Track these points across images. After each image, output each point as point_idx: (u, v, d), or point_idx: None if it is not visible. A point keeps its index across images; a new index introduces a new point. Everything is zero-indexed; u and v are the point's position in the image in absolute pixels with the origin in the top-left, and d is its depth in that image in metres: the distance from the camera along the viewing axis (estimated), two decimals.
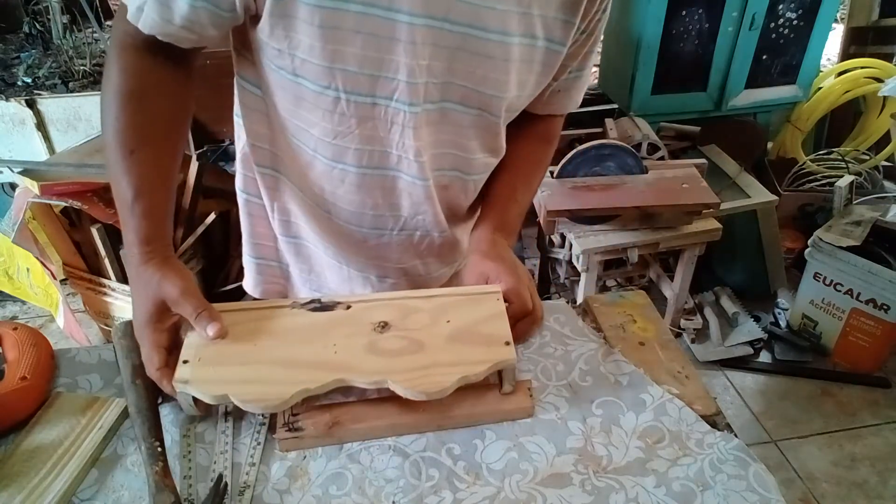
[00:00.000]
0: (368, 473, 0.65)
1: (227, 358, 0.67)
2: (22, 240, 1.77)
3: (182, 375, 0.65)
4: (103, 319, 2.02)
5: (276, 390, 0.64)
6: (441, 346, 0.69)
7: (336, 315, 0.73)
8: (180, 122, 0.76)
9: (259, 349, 0.68)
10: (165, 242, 0.71)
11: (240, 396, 0.64)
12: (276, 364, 0.67)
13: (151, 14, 0.66)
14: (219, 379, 0.65)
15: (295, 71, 0.70)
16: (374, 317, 0.72)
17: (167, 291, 0.66)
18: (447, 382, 0.66)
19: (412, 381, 0.65)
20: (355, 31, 0.66)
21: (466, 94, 0.75)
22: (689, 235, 1.98)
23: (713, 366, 2.23)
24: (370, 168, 0.79)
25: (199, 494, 0.63)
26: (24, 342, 0.75)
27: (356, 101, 0.72)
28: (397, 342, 0.70)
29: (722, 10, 2.31)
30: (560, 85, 0.85)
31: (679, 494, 0.62)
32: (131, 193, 0.69)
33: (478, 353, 0.68)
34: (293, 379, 0.65)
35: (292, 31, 0.66)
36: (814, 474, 1.85)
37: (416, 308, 0.74)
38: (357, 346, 0.69)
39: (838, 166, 2.70)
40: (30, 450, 0.66)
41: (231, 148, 2.32)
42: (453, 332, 0.71)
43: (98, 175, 1.77)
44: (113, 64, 0.70)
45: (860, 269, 2.01)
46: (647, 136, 2.27)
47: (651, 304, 0.88)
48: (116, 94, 0.69)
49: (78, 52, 2.54)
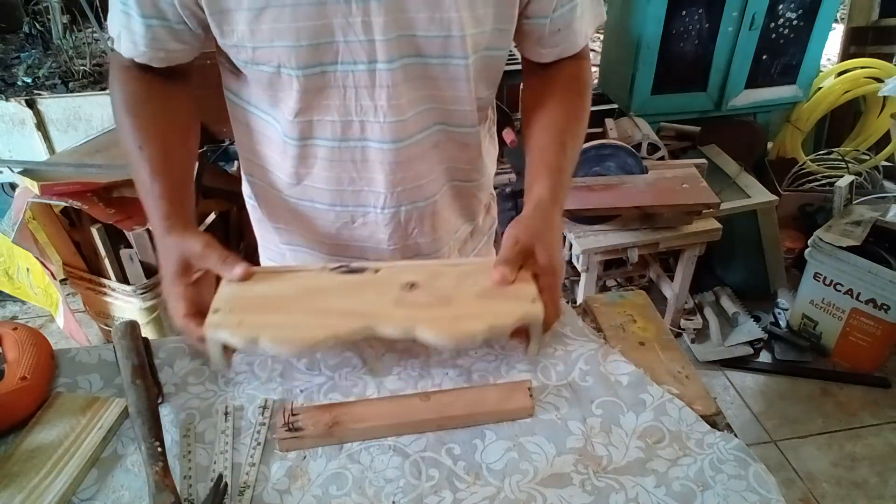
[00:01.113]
0: (368, 473, 0.65)
1: (257, 307, 0.69)
2: (22, 240, 1.77)
3: (213, 320, 0.66)
4: (103, 319, 2.02)
5: (306, 333, 0.65)
6: (468, 301, 0.70)
7: (365, 277, 0.74)
8: (181, 121, 0.82)
9: (289, 300, 0.70)
10: (185, 217, 0.75)
11: (270, 337, 0.65)
12: (307, 312, 0.69)
13: (125, 42, 0.76)
14: (250, 324, 0.66)
15: (250, 60, 0.74)
16: (403, 278, 0.73)
17: (190, 247, 0.71)
18: (476, 329, 0.66)
19: (441, 328, 0.66)
20: (281, 6, 0.68)
21: (418, 43, 0.73)
22: (689, 235, 1.98)
23: (713, 366, 2.23)
24: (336, 140, 0.80)
25: (199, 494, 0.63)
26: (24, 342, 0.75)
27: (307, 74, 0.73)
28: (425, 298, 0.70)
29: (722, 10, 2.31)
30: (557, 23, 0.81)
31: (679, 494, 0.62)
32: (147, 180, 0.75)
33: (505, 307, 0.69)
34: (324, 324, 0.66)
35: (232, 23, 0.70)
36: (814, 474, 1.85)
37: (442, 273, 0.74)
38: (386, 301, 0.70)
39: (838, 166, 2.70)
40: (30, 450, 0.66)
41: (231, 148, 2.32)
42: (481, 290, 0.71)
43: (98, 175, 1.77)
44: (113, 80, 0.81)
45: (860, 269, 2.01)
46: (647, 136, 2.27)
47: (651, 304, 0.88)
48: (119, 104, 0.79)
49: (78, 52, 2.54)
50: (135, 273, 1.88)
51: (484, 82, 0.83)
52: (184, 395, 0.74)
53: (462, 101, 0.81)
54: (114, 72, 0.80)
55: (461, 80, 0.78)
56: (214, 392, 0.74)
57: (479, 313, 0.68)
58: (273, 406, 0.72)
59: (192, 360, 0.79)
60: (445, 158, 0.87)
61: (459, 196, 0.94)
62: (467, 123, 0.85)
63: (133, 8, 0.72)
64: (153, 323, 1.91)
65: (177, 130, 0.81)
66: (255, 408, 0.72)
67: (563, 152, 0.83)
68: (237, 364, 0.78)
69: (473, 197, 0.96)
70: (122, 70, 0.79)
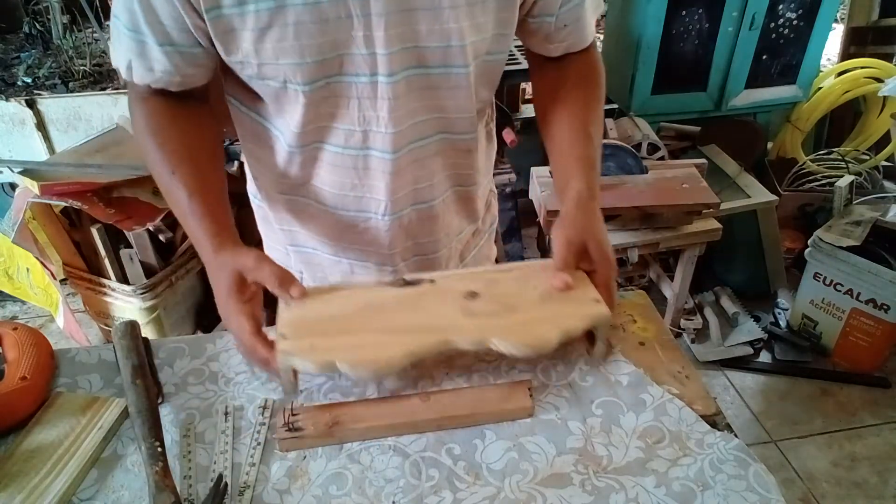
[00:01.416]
0: (368, 473, 0.65)
1: (325, 329, 0.68)
2: (22, 240, 1.77)
3: (284, 347, 0.65)
4: (103, 319, 2.02)
5: (382, 353, 0.65)
6: (534, 306, 0.70)
7: (422, 288, 0.74)
8: (207, 139, 0.82)
9: (354, 319, 0.70)
10: (231, 233, 0.75)
11: (348, 361, 0.64)
12: (376, 331, 0.68)
13: (138, 69, 0.75)
14: (322, 347, 0.65)
15: (255, 76, 0.74)
16: (462, 288, 0.73)
17: (244, 262, 0.70)
18: (550, 335, 0.66)
19: (515, 337, 0.66)
20: (284, 25, 0.67)
21: (419, 54, 0.73)
22: (689, 235, 1.98)
23: (713, 366, 2.23)
24: (340, 147, 0.80)
25: (199, 494, 0.63)
26: (24, 342, 0.75)
27: (313, 89, 0.73)
28: (490, 306, 0.70)
29: (722, 10, 2.31)
30: (563, 19, 0.81)
31: (679, 494, 0.62)
32: (185, 202, 0.75)
33: (572, 310, 0.69)
34: (398, 342, 0.66)
35: (237, 41, 0.70)
36: (814, 474, 1.85)
37: (497, 280, 0.74)
38: (452, 311, 0.70)
39: (838, 166, 2.70)
40: (30, 450, 0.66)
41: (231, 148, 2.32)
42: (542, 294, 0.71)
43: (98, 175, 1.77)
44: (134, 110, 0.80)
45: (860, 269, 2.01)
46: (647, 136, 2.28)
47: (651, 304, 0.88)
48: (144, 134, 0.79)
49: (78, 52, 2.54)
50: (135, 273, 1.88)
51: (484, 86, 0.84)
52: (184, 395, 0.74)
53: (463, 109, 0.81)
54: (133, 103, 0.80)
55: (462, 88, 0.78)
56: (214, 392, 0.74)
57: (549, 318, 0.68)
58: (273, 406, 0.72)
59: (192, 359, 0.79)
60: (447, 165, 0.87)
61: (461, 199, 0.94)
62: (468, 130, 0.85)
63: (148, 36, 0.71)
64: (153, 323, 1.91)
65: (205, 150, 0.80)
66: (255, 408, 0.72)
67: (590, 144, 0.83)
68: (237, 364, 0.78)
69: (475, 198, 0.96)
70: (141, 100, 0.79)
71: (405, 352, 0.65)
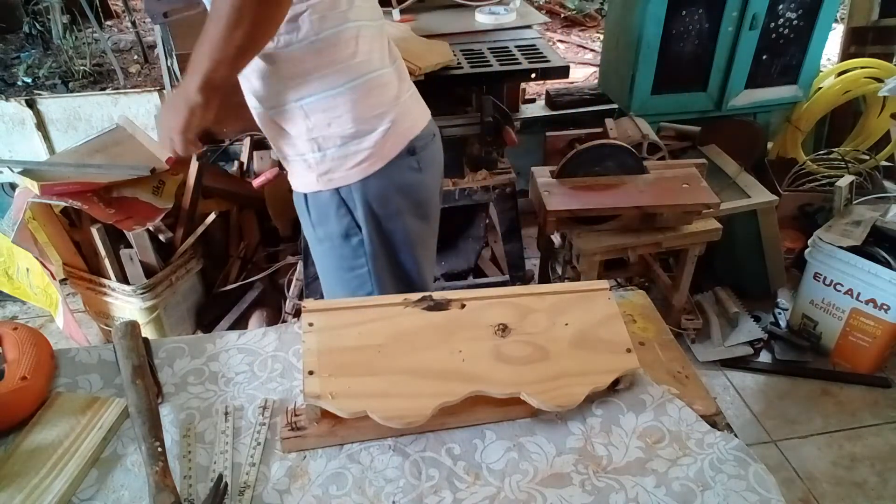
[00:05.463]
0: (368, 473, 0.65)
1: (354, 367, 0.67)
2: (22, 240, 1.77)
3: (312, 389, 0.65)
4: (103, 319, 2.02)
5: (415, 406, 0.65)
6: (565, 353, 0.71)
7: (452, 315, 0.74)
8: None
9: (384, 356, 0.69)
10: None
11: (380, 413, 0.64)
12: (407, 373, 0.67)
13: None
14: (352, 393, 0.65)
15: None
16: (492, 318, 0.73)
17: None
18: (578, 394, 0.68)
19: (545, 394, 0.67)
20: None
21: None
22: (689, 235, 1.98)
23: (713, 366, 2.22)
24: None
25: (199, 494, 0.63)
26: (24, 342, 0.75)
27: None
28: (522, 349, 0.71)
29: (722, 10, 2.31)
30: None
31: (679, 494, 0.62)
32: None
33: (602, 362, 0.70)
34: (430, 391, 0.66)
35: None
36: (814, 474, 1.85)
37: (530, 308, 0.75)
38: (483, 353, 0.70)
39: (838, 166, 2.70)
40: (30, 450, 0.66)
41: (231, 148, 2.32)
42: (575, 336, 0.72)
43: (98, 175, 1.77)
44: None
45: (860, 269, 2.01)
46: (647, 136, 2.27)
47: (651, 304, 0.88)
48: None
49: (78, 52, 2.54)
50: (135, 273, 1.88)
51: None
52: (184, 395, 0.74)
53: None
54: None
55: None
56: (214, 392, 0.74)
57: (579, 371, 0.69)
58: (273, 406, 0.72)
59: (192, 359, 0.79)
60: None
61: None
62: None
63: None
64: (153, 323, 1.91)
65: None
66: (255, 408, 0.72)
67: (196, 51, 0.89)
68: (237, 364, 0.78)
69: None
70: None
71: (437, 403, 0.65)
